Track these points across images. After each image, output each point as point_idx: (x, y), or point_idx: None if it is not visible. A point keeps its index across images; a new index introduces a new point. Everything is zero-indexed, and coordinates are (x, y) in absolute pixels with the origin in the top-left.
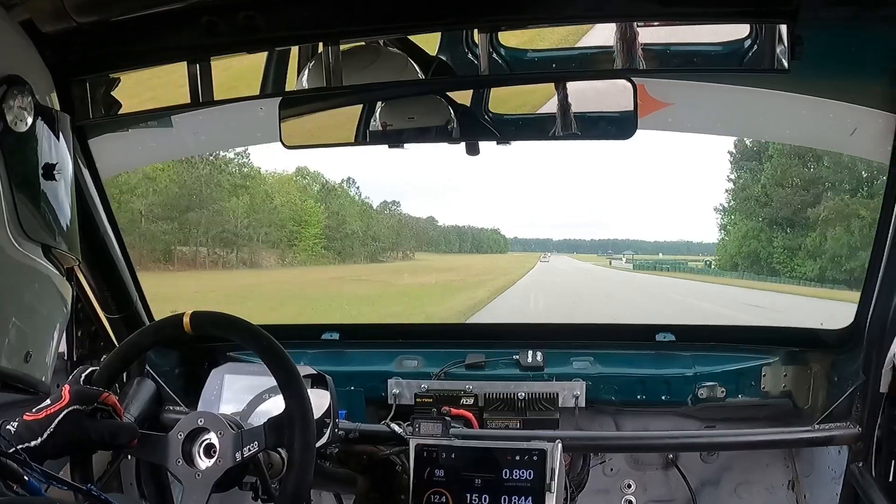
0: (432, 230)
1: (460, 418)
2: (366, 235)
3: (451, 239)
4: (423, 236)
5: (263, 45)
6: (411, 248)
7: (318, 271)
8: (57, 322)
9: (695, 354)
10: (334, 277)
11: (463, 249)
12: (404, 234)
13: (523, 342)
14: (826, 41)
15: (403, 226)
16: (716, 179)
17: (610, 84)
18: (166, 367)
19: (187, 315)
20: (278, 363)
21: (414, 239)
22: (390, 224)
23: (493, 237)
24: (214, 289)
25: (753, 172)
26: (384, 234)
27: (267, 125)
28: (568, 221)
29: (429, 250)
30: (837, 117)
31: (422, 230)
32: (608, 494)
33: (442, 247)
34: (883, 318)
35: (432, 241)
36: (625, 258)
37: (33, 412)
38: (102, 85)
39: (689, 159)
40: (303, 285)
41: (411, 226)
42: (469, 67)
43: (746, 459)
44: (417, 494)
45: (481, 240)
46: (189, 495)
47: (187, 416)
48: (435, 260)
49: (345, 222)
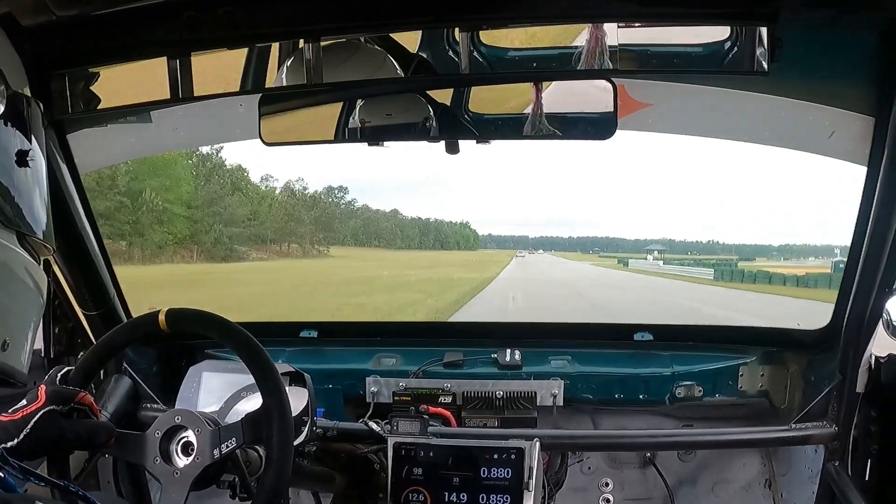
0: (385, 221)
1: (438, 417)
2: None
3: (410, 233)
4: (365, 228)
5: (244, 41)
6: (321, 241)
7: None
8: (34, 312)
9: (673, 354)
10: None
11: (425, 245)
12: (323, 223)
13: (502, 341)
14: (805, 44)
15: (329, 216)
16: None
17: (590, 84)
18: (144, 364)
19: (162, 312)
20: (255, 359)
21: (333, 229)
22: (294, 211)
23: (462, 232)
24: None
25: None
26: (271, 221)
27: (246, 122)
28: (546, 218)
29: (365, 244)
30: (816, 120)
31: (370, 221)
32: (586, 493)
33: (397, 241)
34: (859, 318)
35: (378, 233)
36: (650, 257)
37: (9, 413)
38: (82, 79)
39: (675, 157)
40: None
41: (346, 215)
42: (450, 66)
43: (724, 458)
44: (396, 493)
45: (448, 234)
46: (167, 494)
47: (164, 414)
48: (359, 256)
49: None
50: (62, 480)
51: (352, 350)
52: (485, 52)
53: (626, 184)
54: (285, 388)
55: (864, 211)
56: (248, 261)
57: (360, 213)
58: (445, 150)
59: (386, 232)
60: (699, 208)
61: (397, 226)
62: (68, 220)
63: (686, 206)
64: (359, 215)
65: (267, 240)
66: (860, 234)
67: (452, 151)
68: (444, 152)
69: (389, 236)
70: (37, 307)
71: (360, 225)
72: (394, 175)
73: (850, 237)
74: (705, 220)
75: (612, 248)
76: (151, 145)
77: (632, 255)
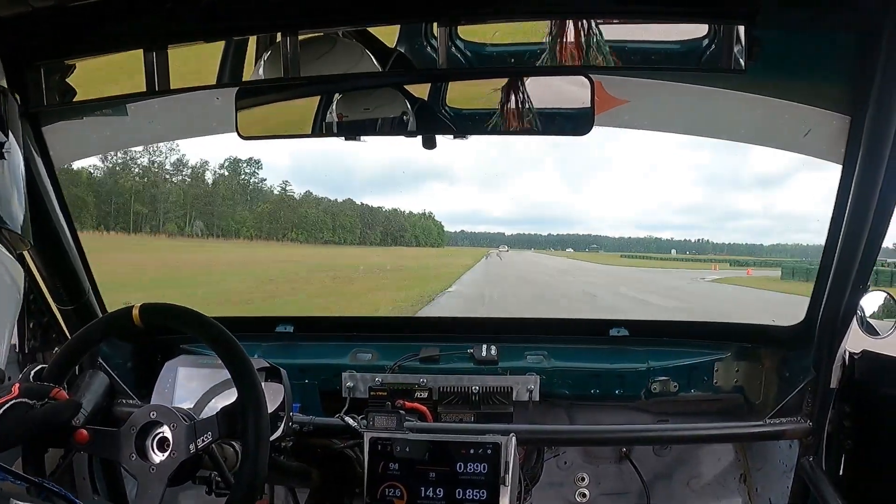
0: (308, 207)
1: (414, 412)
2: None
3: (348, 222)
4: (273, 215)
5: (221, 34)
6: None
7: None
8: (11, 307)
9: (648, 349)
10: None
11: (369, 240)
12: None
13: (478, 336)
14: (783, 43)
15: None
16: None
17: (568, 80)
18: (119, 359)
19: (137, 307)
20: (230, 354)
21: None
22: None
23: (423, 225)
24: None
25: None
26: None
27: (223, 115)
28: (522, 216)
29: (271, 237)
30: (792, 118)
31: (286, 206)
32: (562, 488)
33: (323, 234)
34: (834, 315)
35: (297, 223)
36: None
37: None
38: (57, 71)
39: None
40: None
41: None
42: (428, 60)
43: (699, 453)
44: (372, 488)
45: (402, 227)
46: (143, 490)
47: (139, 410)
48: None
49: None
50: (38, 478)
51: (328, 345)
52: (463, 48)
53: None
54: (261, 384)
55: (838, 208)
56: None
57: (274, 196)
58: (422, 145)
59: (309, 221)
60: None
61: (327, 213)
62: (43, 214)
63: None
64: (272, 199)
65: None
66: (835, 231)
67: (429, 146)
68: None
69: (312, 226)
70: (13, 303)
71: (269, 211)
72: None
73: (825, 235)
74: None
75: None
76: (127, 138)
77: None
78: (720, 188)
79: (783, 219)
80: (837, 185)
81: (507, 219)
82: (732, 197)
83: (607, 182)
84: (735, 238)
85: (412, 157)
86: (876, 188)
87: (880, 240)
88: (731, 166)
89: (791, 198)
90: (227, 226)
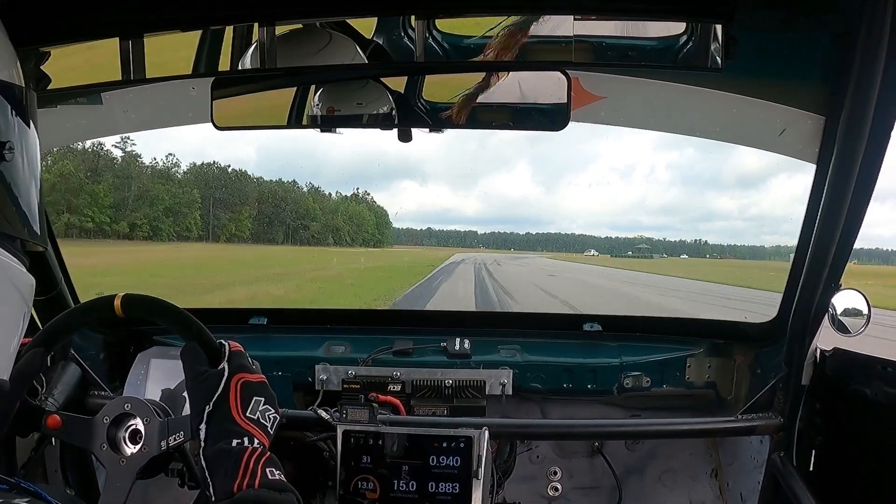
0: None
1: (388, 405)
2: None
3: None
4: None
5: (198, 24)
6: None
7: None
8: (18, 319)
9: (621, 344)
10: None
11: (260, 238)
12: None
13: (451, 329)
14: (760, 42)
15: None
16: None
17: (544, 76)
18: (91, 350)
19: (119, 297)
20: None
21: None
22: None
23: (355, 211)
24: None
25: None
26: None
27: (198, 105)
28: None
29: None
30: (768, 117)
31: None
32: (535, 481)
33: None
34: (806, 312)
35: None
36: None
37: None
38: (31, 59)
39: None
40: None
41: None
42: (405, 52)
43: (671, 448)
44: (345, 480)
45: (311, 216)
46: (112, 481)
47: (114, 401)
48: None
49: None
50: (9, 474)
51: (301, 337)
52: (440, 40)
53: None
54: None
55: (812, 207)
56: None
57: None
58: (398, 138)
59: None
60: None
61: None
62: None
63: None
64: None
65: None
66: (808, 229)
67: (405, 139)
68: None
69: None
70: (21, 316)
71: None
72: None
73: (798, 233)
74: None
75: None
76: (102, 127)
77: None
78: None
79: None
80: (811, 184)
81: (478, 218)
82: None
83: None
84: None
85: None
86: (849, 187)
87: (853, 238)
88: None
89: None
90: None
